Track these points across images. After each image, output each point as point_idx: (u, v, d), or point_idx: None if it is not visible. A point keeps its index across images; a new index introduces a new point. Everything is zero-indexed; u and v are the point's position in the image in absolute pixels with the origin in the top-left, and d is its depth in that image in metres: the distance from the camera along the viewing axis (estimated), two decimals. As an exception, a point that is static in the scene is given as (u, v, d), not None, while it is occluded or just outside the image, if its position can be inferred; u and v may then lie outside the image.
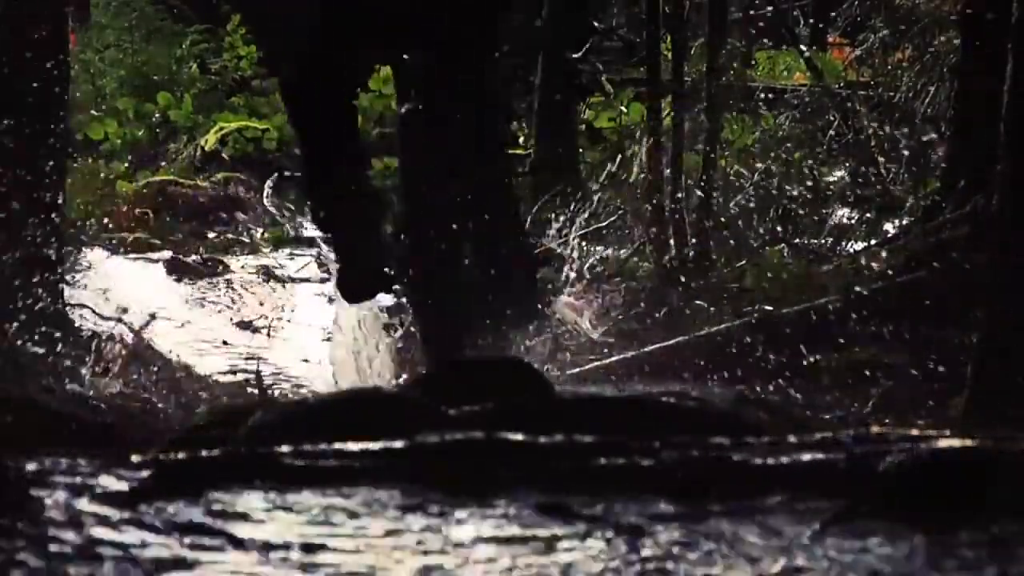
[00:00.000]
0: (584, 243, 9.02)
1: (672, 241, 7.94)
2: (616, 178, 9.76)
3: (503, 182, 6.45)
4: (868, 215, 8.83)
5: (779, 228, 8.50)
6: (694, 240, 7.94)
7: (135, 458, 2.80)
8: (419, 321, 6.24)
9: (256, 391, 6.62)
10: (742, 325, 6.78)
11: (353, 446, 2.70)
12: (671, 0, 8.28)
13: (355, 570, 2.21)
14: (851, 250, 8.32)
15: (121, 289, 9.29)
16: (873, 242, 8.26)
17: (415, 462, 2.62)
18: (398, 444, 2.68)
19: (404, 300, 6.41)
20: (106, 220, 11.54)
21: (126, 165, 13.17)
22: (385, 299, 6.37)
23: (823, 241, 8.58)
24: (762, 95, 10.55)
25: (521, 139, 12.90)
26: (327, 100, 6.05)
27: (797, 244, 8.41)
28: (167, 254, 10.61)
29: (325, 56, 6.06)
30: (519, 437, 2.68)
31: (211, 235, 11.58)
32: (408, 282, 6.29)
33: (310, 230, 9.17)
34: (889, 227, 8.59)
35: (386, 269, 6.22)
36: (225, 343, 8.25)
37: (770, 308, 6.97)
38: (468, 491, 2.48)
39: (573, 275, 7.15)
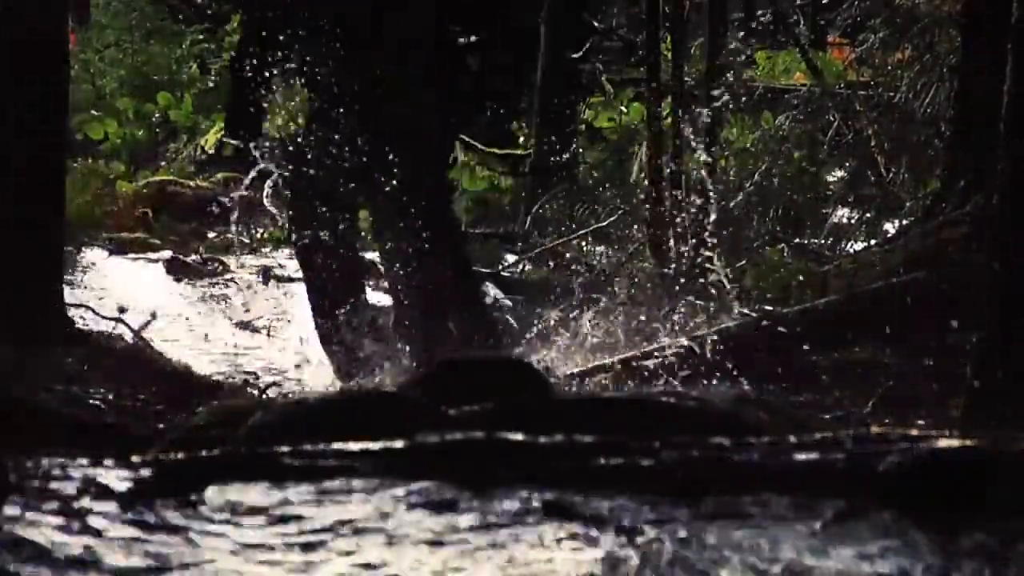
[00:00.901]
0: (584, 243, 9.02)
1: (672, 241, 7.94)
2: (616, 178, 9.76)
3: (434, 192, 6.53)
4: (868, 215, 8.83)
5: (779, 228, 8.50)
6: (694, 240, 7.94)
7: (135, 458, 2.80)
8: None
9: (256, 391, 6.62)
10: (742, 325, 6.78)
11: (353, 446, 2.70)
12: (671, 0, 8.29)
13: (355, 570, 2.21)
14: (851, 250, 8.32)
15: (121, 289, 9.29)
16: (873, 242, 8.26)
17: (415, 462, 2.62)
18: (398, 444, 2.68)
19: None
20: (106, 220, 11.54)
21: (125, 165, 13.17)
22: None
23: (823, 241, 8.58)
24: (760, 94, 10.55)
25: (521, 139, 12.91)
26: None
27: (797, 244, 8.41)
28: (167, 254, 10.61)
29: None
30: (519, 437, 2.68)
31: (211, 235, 11.58)
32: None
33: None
34: (889, 227, 8.59)
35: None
36: (224, 343, 8.25)
37: (770, 308, 6.97)
38: (468, 491, 2.48)
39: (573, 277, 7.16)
